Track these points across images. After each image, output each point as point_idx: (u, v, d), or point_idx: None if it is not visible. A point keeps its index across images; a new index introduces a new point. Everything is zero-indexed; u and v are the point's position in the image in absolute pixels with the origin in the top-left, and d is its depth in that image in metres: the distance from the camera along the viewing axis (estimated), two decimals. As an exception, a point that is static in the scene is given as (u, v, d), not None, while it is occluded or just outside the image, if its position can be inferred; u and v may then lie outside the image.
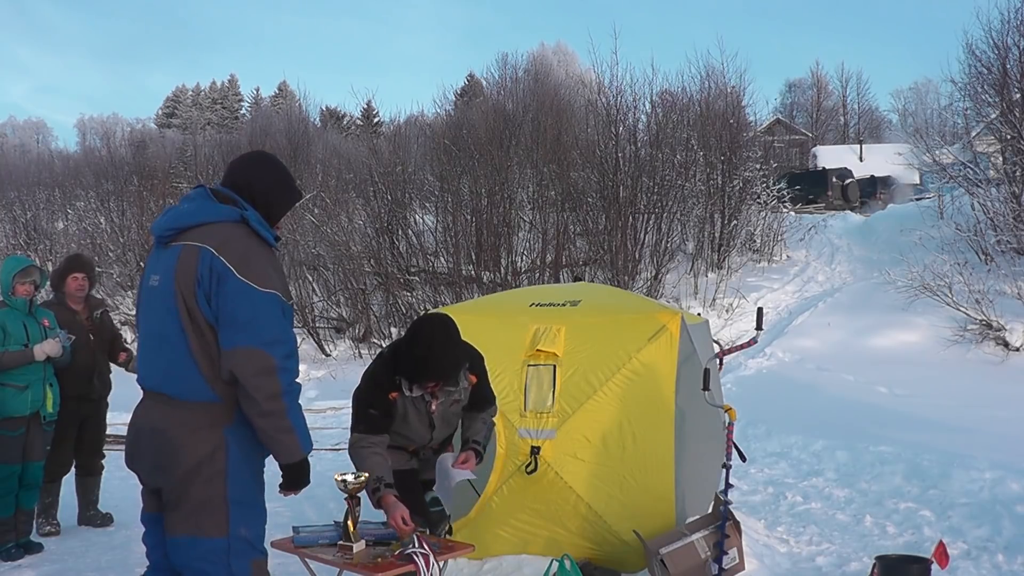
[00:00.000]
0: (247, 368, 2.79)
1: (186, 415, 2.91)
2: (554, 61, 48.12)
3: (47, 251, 22.80)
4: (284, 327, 2.90)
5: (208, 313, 2.84)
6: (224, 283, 2.81)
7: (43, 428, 5.69)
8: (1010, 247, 14.48)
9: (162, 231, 2.98)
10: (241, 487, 2.95)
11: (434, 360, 3.73)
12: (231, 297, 2.81)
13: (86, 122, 73.52)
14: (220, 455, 2.90)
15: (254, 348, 2.79)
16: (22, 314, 5.60)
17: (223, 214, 2.95)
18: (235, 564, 2.94)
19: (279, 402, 2.84)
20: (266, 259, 2.92)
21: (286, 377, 2.86)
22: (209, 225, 2.91)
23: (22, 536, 5.62)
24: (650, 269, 16.86)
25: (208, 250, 2.84)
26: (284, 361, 2.85)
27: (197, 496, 2.90)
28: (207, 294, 2.83)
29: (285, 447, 2.93)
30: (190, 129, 54.70)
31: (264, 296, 2.83)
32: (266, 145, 25.97)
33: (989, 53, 15.61)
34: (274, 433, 2.89)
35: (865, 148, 37.11)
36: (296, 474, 3.03)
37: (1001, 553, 5.09)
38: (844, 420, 9.02)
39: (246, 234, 2.92)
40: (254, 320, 2.81)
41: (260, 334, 2.81)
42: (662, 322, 4.87)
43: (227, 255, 2.83)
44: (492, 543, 4.83)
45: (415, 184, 19.85)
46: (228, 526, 2.92)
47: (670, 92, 20.62)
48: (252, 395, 2.81)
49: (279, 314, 2.88)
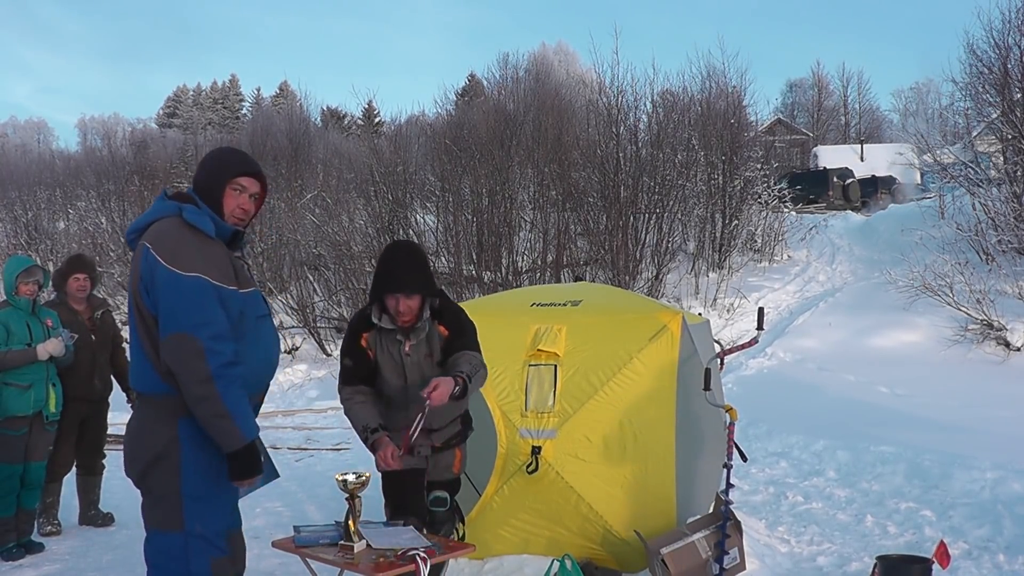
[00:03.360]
0: (176, 353, 2.82)
1: (147, 409, 3.00)
2: (555, 61, 48.10)
3: (48, 251, 22.82)
4: (212, 310, 2.88)
5: (150, 306, 2.91)
6: (156, 275, 2.88)
7: (45, 428, 5.69)
8: (1011, 247, 14.47)
9: (128, 238, 3.10)
10: (196, 482, 2.93)
11: (396, 266, 3.80)
12: (161, 287, 2.87)
13: (87, 122, 73.59)
14: (174, 448, 2.91)
15: (181, 333, 2.82)
16: (25, 314, 5.62)
17: (163, 210, 3.03)
18: (193, 562, 2.93)
19: (211, 386, 2.81)
20: (196, 247, 2.94)
21: (215, 359, 2.83)
22: (153, 223, 3.00)
23: (23, 536, 5.63)
24: (651, 269, 16.85)
25: (146, 246, 2.93)
26: (212, 343, 2.83)
27: (156, 490, 2.96)
28: (147, 288, 2.91)
29: (224, 433, 2.86)
30: (191, 129, 54.77)
31: (188, 280, 2.86)
32: (267, 145, 26.02)
33: (990, 53, 15.62)
34: (211, 419, 2.84)
35: (866, 148, 37.05)
36: (241, 463, 2.93)
37: (1002, 553, 5.08)
38: (845, 420, 9.02)
39: (179, 225, 2.97)
40: (179, 305, 2.84)
41: (186, 318, 2.83)
42: (663, 322, 4.87)
43: (157, 248, 2.91)
44: (493, 543, 4.84)
45: (416, 184, 19.85)
46: (183, 521, 2.92)
47: (671, 92, 20.66)
48: (183, 381, 2.83)
49: (205, 297, 2.87)
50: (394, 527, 3.85)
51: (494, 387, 4.85)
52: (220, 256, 2.99)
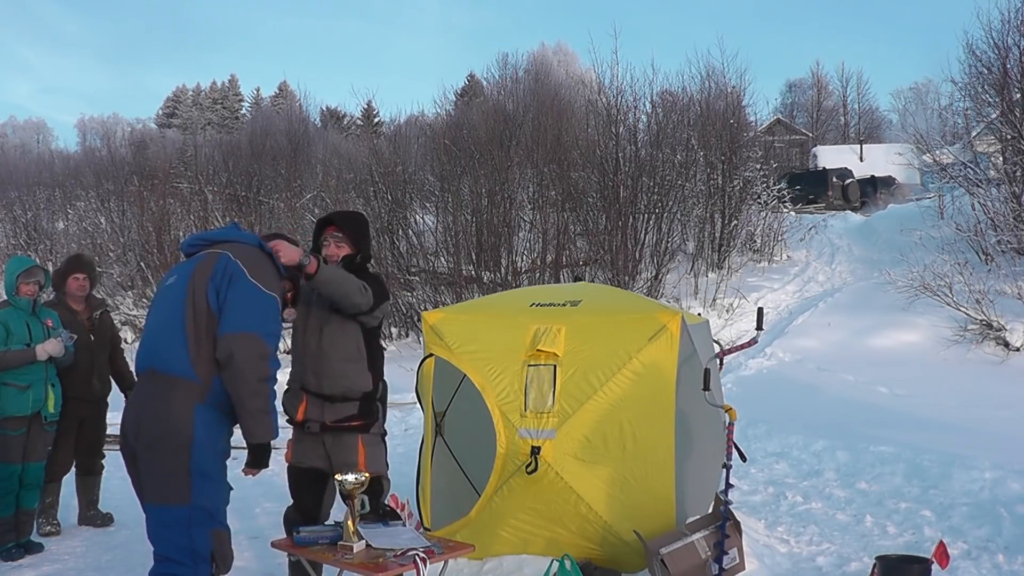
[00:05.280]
0: (247, 350, 3.22)
1: (166, 388, 3.27)
2: (554, 61, 48.13)
3: (47, 251, 22.78)
4: (278, 325, 3.43)
5: (214, 303, 3.29)
6: (236, 280, 3.31)
7: (44, 428, 5.69)
8: (1010, 247, 14.47)
9: (189, 245, 3.58)
10: (204, 460, 3.24)
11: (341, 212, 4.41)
12: (240, 292, 3.30)
13: (86, 122, 73.52)
14: (187, 428, 3.21)
15: (255, 335, 3.25)
16: (25, 314, 5.62)
17: (245, 237, 3.59)
18: (195, 532, 3.22)
19: (266, 385, 3.28)
20: (272, 273, 3.48)
21: (274, 364, 3.33)
22: (232, 242, 3.51)
23: (23, 536, 5.63)
24: (650, 269, 16.85)
25: (226, 254, 3.39)
26: (274, 352, 3.35)
27: (164, 465, 3.22)
28: (217, 288, 3.31)
29: (264, 426, 3.30)
30: (190, 129, 54.77)
31: (267, 296, 3.36)
32: (266, 145, 25.94)
33: (989, 53, 15.62)
34: (257, 412, 3.26)
35: (865, 148, 37.07)
36: (262, 454, 3.36)
37: (1001, 553, 5.08)
38: (844, 420, 9.02)
39: (260, 252, 3.52)
40: (257, 313, 3.30)
41: (261, 325, 3.29)
42: (662, 322, 4.86)
43: (242, 260, 3.38)
44: (492, 543, 4.83)
45: (415, 184, 19.85)
46: (190, 495, 3.21)
47: (670, 92, 20.66)
48: (246, 374, 3.22)
49: (276, 314, 3.42)
50: (393, 527, 3.85)
51: (493, 387, 4.85)
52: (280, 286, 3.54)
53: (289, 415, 4.16)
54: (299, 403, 4.13)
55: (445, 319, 5.23)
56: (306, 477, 4.19)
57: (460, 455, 5.34)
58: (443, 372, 5.21)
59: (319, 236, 4.27)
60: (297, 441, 4.22)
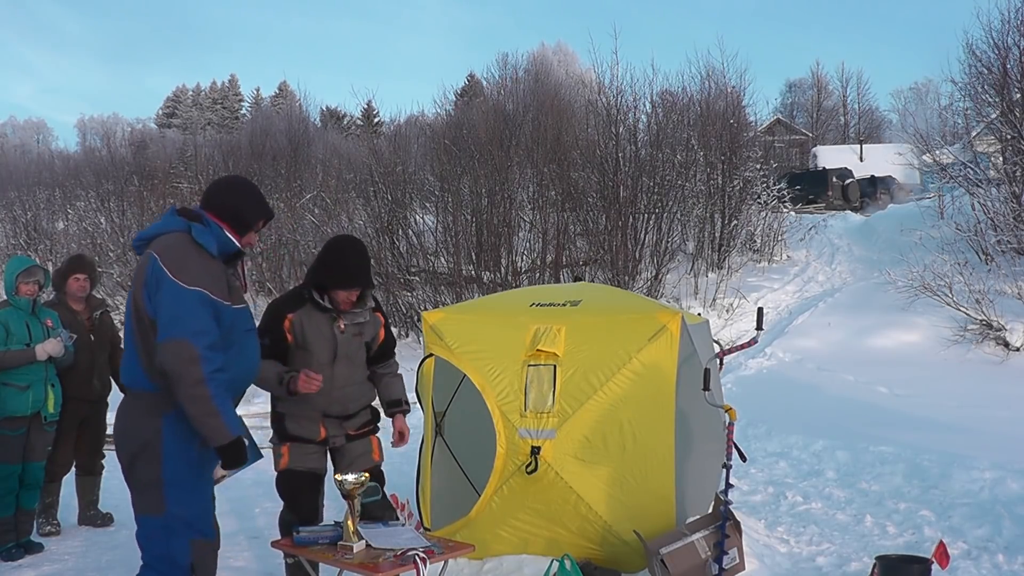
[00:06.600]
0: (174, 357, 3.09)
1: (132, 402, 3.30)
2: (554, 61, 48.08)
3: (47, 251, 22.80)
4: (208, 321, 3.18)
5: (151, 311, 3.19)
6: (161, 283, 3.16)
7: (44, 428, 5.69)
8: (1010, 247, 14.47)
9: (135, 244, 3.43)
10: (176, 469, 3.20)
11: (349, 263, 4.17)
12: (164, 295, 3.15)
13: (86, 122, 73.47)
14: (157, 440, 3.19)
15: (179, 339, 3.10)
16: (25, 314, 5.62)
17: (173, 225, 3.32)
18: (173, 542, 3.19)
19: (203, 388, 3.10)
20: (200, 263, 3.24)
21: (208, 365, 3.12)
22: (162, 235, 3.30)
23: (23, 536, 5.63)
24: (650, 269, 16.85)
25: (154, 256, 3.21)
26: (207, 351, 3.12)
27: (140, 478, 3.23)
28: (150, 294, 3.19)
29: (213, 430, 3.16)
30: (190, 129, 54.81)
31: (189, 293, 3.15)
32: (266, 145, 26.00)
33: (989, 53, 15.61)
34: (202, 417, 3.14)
35: (865, 148, 37.08)
36: (231, 454, 3.22)
37: (1001, 553, 5.09)
38: (844, 420, 9.02)
39: (187, 242, 3.26)
40: (180, 314, 3.13)
41: (186, 326, 3.12)
42: (662, 322, 4.86)
43: (165, 259, 3.19)
44: (492, 543, 4.84)
45: (415, 184, 19.84)
46: (164, 504, 3.20)
47: (670, 92, 20.63)
48: (179, 383, 3.10)
49: (204, 309, 3.17)
50: (393, 527, 3.86)
51: (493, 387, 4.85)
52: (219, 273, 3.30)
53: (306, 437, 4.26)
54: (318, 426, 4.28)
55: (445, 319, 5.23)
56: (304, 480, 4.24)
57: (460, 455, 5.34)
58: (443, 372, 5.21)
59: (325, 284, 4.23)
60: (296, 446, 4.27)
